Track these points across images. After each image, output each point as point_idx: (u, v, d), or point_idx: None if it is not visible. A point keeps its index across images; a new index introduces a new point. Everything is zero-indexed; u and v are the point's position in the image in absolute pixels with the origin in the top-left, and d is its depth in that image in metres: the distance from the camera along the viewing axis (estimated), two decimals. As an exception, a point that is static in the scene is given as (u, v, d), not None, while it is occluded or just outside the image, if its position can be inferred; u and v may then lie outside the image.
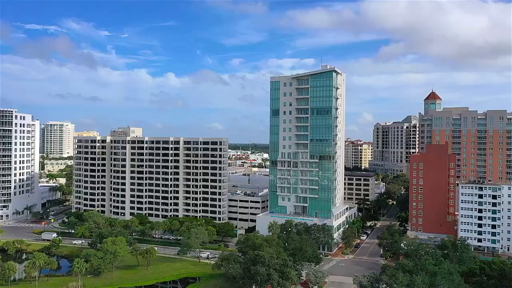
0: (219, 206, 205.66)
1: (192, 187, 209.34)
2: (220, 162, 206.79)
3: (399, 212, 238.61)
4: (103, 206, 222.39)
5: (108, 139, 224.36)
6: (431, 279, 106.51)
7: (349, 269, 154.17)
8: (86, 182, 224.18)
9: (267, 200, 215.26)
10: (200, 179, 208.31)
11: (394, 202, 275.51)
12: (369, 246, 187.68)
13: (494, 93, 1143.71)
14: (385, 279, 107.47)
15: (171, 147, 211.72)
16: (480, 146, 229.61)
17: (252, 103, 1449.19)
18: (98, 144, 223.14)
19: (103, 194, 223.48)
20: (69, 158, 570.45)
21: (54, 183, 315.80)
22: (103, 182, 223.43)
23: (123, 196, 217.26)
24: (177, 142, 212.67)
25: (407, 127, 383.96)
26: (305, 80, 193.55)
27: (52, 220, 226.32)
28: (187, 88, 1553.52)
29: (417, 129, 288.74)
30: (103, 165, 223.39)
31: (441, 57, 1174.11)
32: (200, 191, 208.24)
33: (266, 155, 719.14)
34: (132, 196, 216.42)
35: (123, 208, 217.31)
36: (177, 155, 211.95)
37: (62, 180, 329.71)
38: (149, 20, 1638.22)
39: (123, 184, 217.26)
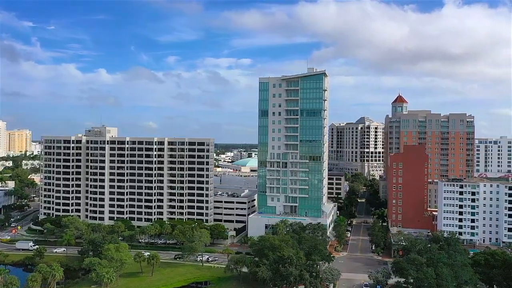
0: (206, 208, 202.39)
1: (178, 189, 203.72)
2: (207, 163, 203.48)
3: (374, 210, 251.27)
4: (78, 211, 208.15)
5: (84, 139, 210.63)
6: (452, 272, 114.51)
7: (349, 265, 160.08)
8: (58, 185, 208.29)
9: (253, 201, 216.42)
10: (186, 180, 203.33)
11: (362, 200, 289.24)
12: (356, 242, 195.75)
13: (415, 96, 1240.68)
14: (413, 274, 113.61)
15: (155, 148, 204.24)
16: (443, 146, 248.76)
17: (188, 102, 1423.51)
18: (73, 145, 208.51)
19: (78, 198, 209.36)
20: (3, 158, 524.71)
21: (2, 186, 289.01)
22: (78, 186, 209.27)
23: (102, 199, 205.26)
24: (161, 143, 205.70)
25: (361, 128, 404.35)
26: (294, 82, 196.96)
27: (19, 228, 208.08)
28: (120, 85, 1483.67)
29: (383, 130, 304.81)
30: (78, 167, 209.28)
31: (367, 62, 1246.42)
32: (186, 193, 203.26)
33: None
34: (111, 199, 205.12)
35: (101, 212, 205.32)
36: (161, 156, 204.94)
37: (11, 183, 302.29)
38: (78, 12, 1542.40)
39: (102, 187, 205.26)
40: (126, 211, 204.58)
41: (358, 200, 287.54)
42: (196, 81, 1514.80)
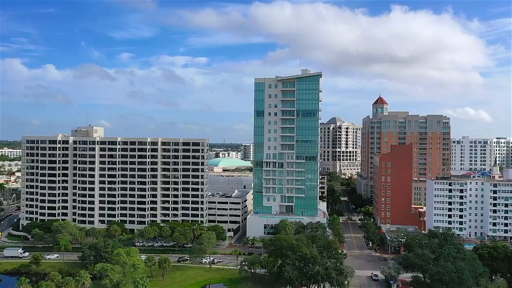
0: (201, 209, 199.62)
1: (172, 190, 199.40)
2: (202, 163, 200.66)
3: (354, 207, 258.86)
4: (65, 214, 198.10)
5: (71, 139, 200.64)
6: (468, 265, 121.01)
7: (352, 262, 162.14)
8: (43, 188, 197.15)
9: (245, 201, 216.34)
10: (180, 181, 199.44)
11: (343, 198, 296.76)
12: (350, 240, 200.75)
13: (366, 97, 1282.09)
14: (434, 269, 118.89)
15: (149, 148, 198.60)
16: (421, 146, 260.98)
17: (142, 100, 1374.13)
18: (59, 145, 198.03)
19: (65, 201, 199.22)
20: None
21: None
22: (65, 188, 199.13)
23: (92, 202, 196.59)
24: (155, 143, 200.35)
25: (333, 128, 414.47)
26: (290, 82, 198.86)
27: (0, 234, 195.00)
28: (70, 82, 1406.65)
29: (363, 130, 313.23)
30: (65, 168, 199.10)
31: (322, 63, 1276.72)
32: (180, 194, 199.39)
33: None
34: (102, 202, 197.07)
35: (91, 215, 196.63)
36: (154, 156, 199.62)
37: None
38: (24, 5, 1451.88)
39: (91, 189, 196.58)
40: (118, 214, 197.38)
41: (341, 198, 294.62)
42: (150, 79, 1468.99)
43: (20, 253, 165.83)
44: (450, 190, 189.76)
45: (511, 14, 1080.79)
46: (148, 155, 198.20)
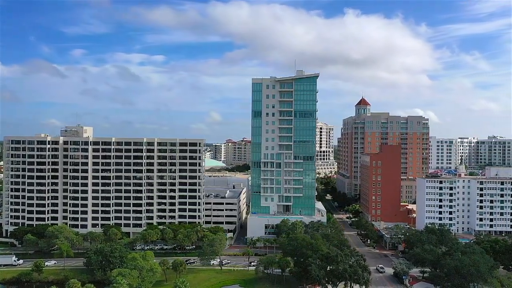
0: (199, 210, 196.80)
1: (169, 191, 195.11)
2: (199, 164, 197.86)
3: (337, 205, 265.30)
4: (54, 218, 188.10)
5: (61, 140, 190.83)
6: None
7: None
8: (31, 191, 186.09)
9: (239, 201, 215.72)
10: (177, 182, 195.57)
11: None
12: (346, 238, 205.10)
13: (323, 98, 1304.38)
14: (451, 263, 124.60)
15: (145, 149, 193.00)
16: (402, 146, 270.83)
17: (95, 98, 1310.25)
18: (49, 146, 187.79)
19: (55, 204, 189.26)
20: None
21: None
22: (55, 191, 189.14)
23: (84, 205, 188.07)
24: (151, 144, 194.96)
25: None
26: (288, 83, 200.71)
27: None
28: (17, 79, 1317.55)
29: (345, 131, 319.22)
30: (55, 170, 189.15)
31: (280, 63, 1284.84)
32: (177, 195, 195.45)
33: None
34: (95, 205, 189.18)
35: (84, 219, 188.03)
36: (150, 157, 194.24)
37: None
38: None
39: (84, 191, 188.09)
40: (112, 217, 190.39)
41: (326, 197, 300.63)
42: (104, 77, 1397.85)
43: (14, 260, 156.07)
44: (440, 188, 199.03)
45: (456, 20, 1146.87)
46: (144, 156, 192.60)
